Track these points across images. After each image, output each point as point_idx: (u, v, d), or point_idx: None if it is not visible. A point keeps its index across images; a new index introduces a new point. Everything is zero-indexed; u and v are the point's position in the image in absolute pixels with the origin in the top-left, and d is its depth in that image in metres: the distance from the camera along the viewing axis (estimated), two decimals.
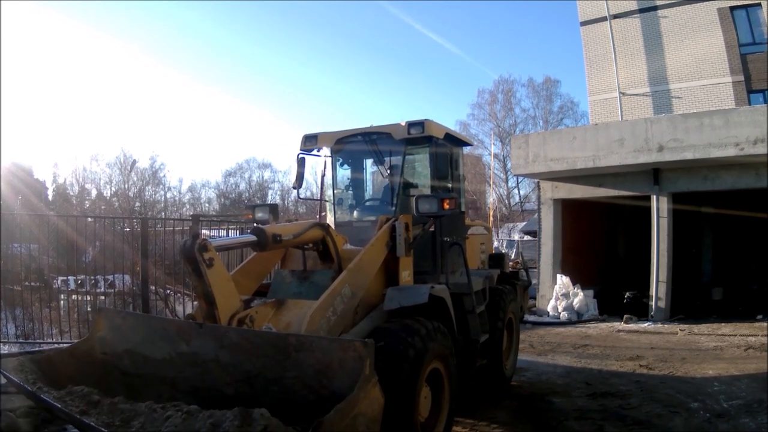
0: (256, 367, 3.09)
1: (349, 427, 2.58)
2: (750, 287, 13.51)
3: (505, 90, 39.50)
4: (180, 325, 3.66)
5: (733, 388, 5.80)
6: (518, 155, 12.76)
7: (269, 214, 4.90)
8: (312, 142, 5.58)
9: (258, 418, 2.41)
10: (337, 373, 2.86)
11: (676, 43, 16.54)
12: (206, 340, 3.28)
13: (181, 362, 3.35)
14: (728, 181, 10.88)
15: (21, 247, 8.87)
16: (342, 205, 5.72)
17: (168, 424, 2.62)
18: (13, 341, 7.62)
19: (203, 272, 3.39)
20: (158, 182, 40.85)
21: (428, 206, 4.63)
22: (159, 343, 3.48)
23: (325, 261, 4.57)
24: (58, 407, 2.94)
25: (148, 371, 3.45)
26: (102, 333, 3.80)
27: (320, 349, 2.99)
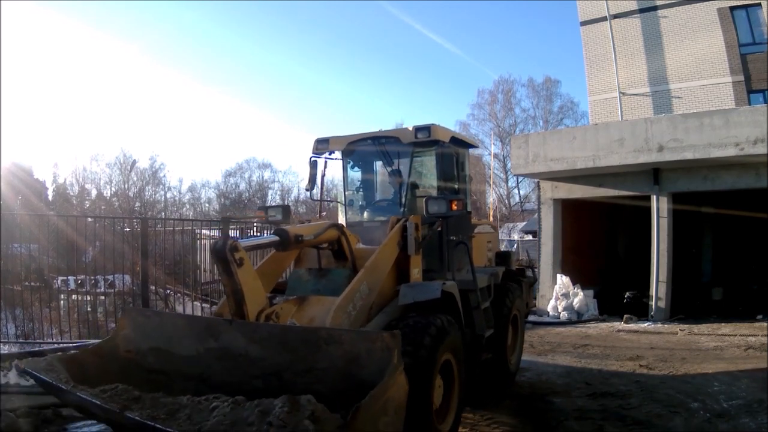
0: (286, 360, 3.23)
1: (381, 412, 2.73)
2: (750, 287, 13.51)
3: (505, 90, 39.51)
4: (209, 321, 3.83)
5: (733, 388, 5.80)
6: (518, 155, 12.76)
7: (281, 214, 5.18)
8: (324, 146, 5.83)
9: (305, 404, 2.51)
10: (366, 363, 3.02)
11: (676, 43, 16.54)
12: (236, 336, 3.42)
13: (210, 357, 3.47)
14: (728, 181, 10.88)
15: (21, 247, 8.87)
16: (352, 205, 5.93)
17: (216, 414, 2.69)
18: (13, 341, 7.62)
19: (234, 271, 3.55)
20: (158, 182, 40.86)
21: (437, 207, 4.83)
22: (186, 339, 3.61)
23: (339, 259, 4.81)
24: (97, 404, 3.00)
25: (174, 368, 3.56)
26: (125, 331, 3.92)
27: (349, 341, 3.16)
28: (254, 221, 11.64)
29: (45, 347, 6.82)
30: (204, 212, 42.40)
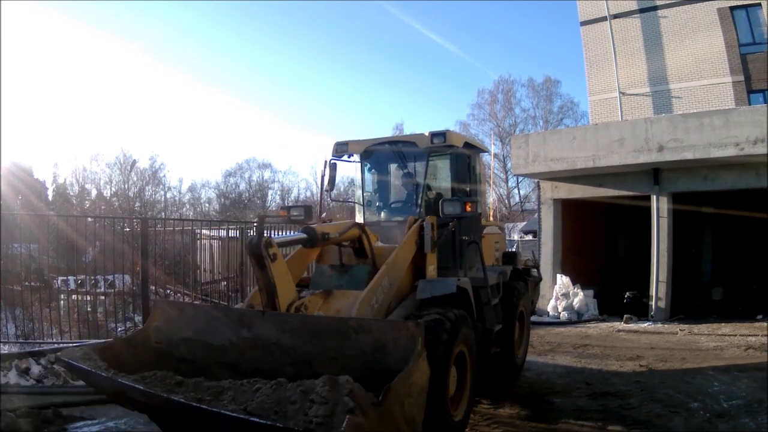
0: (316, 348, 3.44)
1: (406, 394, 2.98)
2: (750, 287, 13.51)
3: (505, 90, 39.47)
4: (242, 312, 4.02)
5: (733, 388, 5.79)
6: (518, 155, 12.76)
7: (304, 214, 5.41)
8: (343, 149, 6.14)
9: (344, 383, 2.69)
10: (392, 350, 3.25)
11: (676, 43, 16.54)
12: (268, 326, 3.65)
13: (243, 346, 3.67)
14: (728, 181, 10.87)
15: (21, 247, 8.86)
16: (370, 206, 6.24)
17: (259, 394, 2.87)
18: (13, 341, 7.61)
19: (267, 266, 3.79)
20: (158, 182, 40.83)
21: (452, 209, 5.13)
22: (219, 330, 3.81)
23: (359, 256, 5.10)
24: (141, 389, 3.16)
25: (206, 356, 3.73)
26: (157, 323, 4.12)
27: (377, 330, 3.41)
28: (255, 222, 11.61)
29: (45, 347, 6.82)
30: (204, 212, 42.40)
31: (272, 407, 2.74)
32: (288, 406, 2.71)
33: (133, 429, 4.66)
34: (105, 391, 3.69)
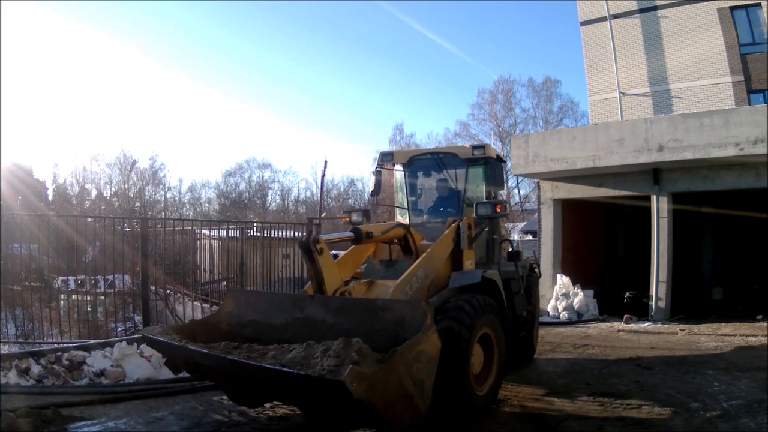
0: (353, 324, 4.08)
1: (414, 359, 3.55)
2: (750, 287, 13.51)
3: (505, 90, 39.49)
4: (296, 297, 4.99)
5: (733, 388, 5.79)
6: (518, 155, 12.76)
7: (362, 216, 6.33)
8: (388, 159, 6.99)
9: (354, 343, 3.37)
10: (410, 325, 3.83)
11: (676, 43, 16.54)
12: (316, 307, 4.41)
13: (296, 325, 4.42)
14: (728, 181, 10.87)
15: (21, 247, 8.86)
16: (414, 209, 6.98)
17: (293, 353, 3.56)
18: (13, 341, 7.61)
19: (315, 258, 4.48)
20: (158, 182, 40.80)
21: (485, 210, 6.02)
22: (278, 312, 4.63)
23: (406, 253, 5.77)
24: (204, 352, 3.92)
25: (268, 335, 4.38)
26: (228, 309, 4.93)
27: (398, 308, 4.09)
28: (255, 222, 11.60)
29: (45, 347, 6.82)
30: (204, 212, 42.40)
31: (300, 361, 3.42)
32: (312, 361, 3.36)
33: (133, 429, 4.66)
34: (177, 359, 4.57)
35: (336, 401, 3.42)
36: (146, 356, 6.54)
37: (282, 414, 5.11)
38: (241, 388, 4.43)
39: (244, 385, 4.25)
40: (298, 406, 4.90)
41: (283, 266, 10.25)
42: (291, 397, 4.22)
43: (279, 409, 5.21)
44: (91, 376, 6.20)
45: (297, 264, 10.09)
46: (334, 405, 3.61)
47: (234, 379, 4.25)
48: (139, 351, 6.59)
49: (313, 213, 36.45)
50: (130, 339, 7.12)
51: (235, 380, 4.27)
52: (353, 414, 3.64)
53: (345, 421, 4.24)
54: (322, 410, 4.32)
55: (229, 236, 10.63)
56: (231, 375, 4.11)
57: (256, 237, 10.51)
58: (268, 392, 4.31)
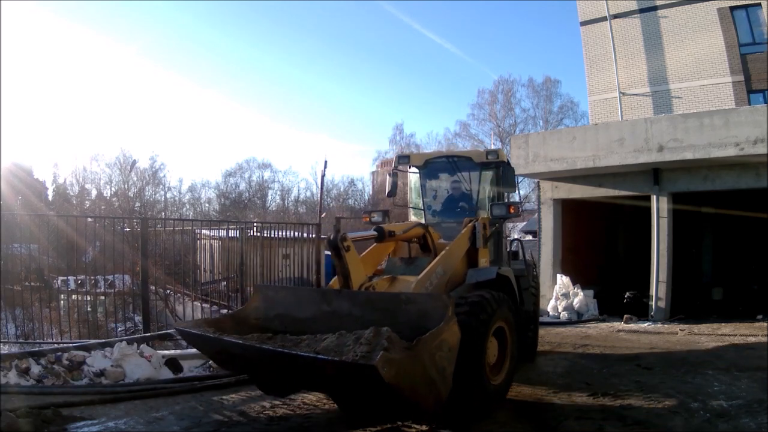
0: (377, 316, 4.26)
1: (437, 347, 3.79)
2: (750, 287, 13.51)
3: (505, 90, 39.42)
4: (324, 291, 5.31)
5: (733, 388, 5.79)
6: (518, 155, 12.75)
7: (383, 216, 6.68)
8: (405, 161, 7.27)
9: (384, 332, 3.65)
10: (432, 316, 4.02)
11: (676, 43, 16.53)
12: (343, 301, 4.68)
13: (323, 318, 4.61)
14: (728, 181, 10.87)
15: (21, 247, 8.86)
16: (429, 209, 7.26)
17: (326, 342, 3.83)
18: (13, 341, 7.61)
19: (343, 255, 4.77)
20: (158, 182, 40.75)
21: (499, 211, 6.39)
22: (306, 306, 4.86)
23: (425, 251, 6.09)
24: (240, 343, 4.17)
25: (295, 327, 4.59)
26: (256, 304, 5.16)
27: (421, 301, 4.36)
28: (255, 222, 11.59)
29: (45, 347, 6.82)
30: (204, 212, 42.33)
31: (333, 349, 3.69)
32: (344, 348, 3.63)
33: (133, 429, 4.66)
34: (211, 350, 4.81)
35: (367, 386, 3.64)
36: (146, 356, 6.54)
37: (282, 414, 5.11)
38: (275, 377, 4.64)
39: (279, 373, 4.44)
40: (330, 394, 5.10)
41: (283, 266, 10.25)
42: (324, 384, 4.43)
43: (279, 410, 5.21)
44: (91, 376, 6.20)
45: (297, 264, 10.09)
46: (365, 390, 3.83)
47: (268, 369, 4.42)
48: (139, 351, 6.59)
49: (313, 213, 36.43)
50: (130, 339, 7.12)
51: (269, 369, 4.45)
52: (382, 399, 3.82)
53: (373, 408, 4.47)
54: (352, 397, 4.53)
55: (229, 236, 10.63)
56: (266, 364, 4.29)
57: (256, 237, 10.51)
58: (302, 380, 4.55)
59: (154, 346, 7.08)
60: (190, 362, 7.00)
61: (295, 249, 10.18)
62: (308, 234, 10.38)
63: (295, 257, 10.11)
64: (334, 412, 5.14)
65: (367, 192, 49.48)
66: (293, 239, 10.50)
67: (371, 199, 47.10)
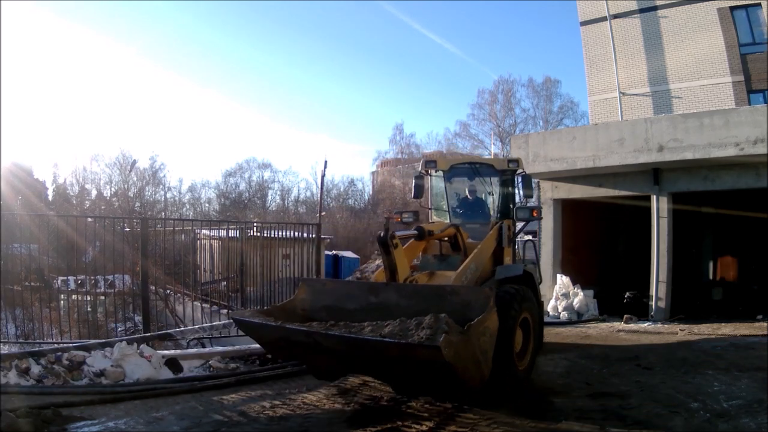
0: (423, 306, 4.68)
1: (482, 333, 4.32)
2: (750, 287, 13.49)
3: (505, 90, 39.46)
4: (372, 284, 5.75)
5: (733, 388, 5.78)
6: (518, 155, 12.72)
7: (412, 216, 7.45)
8: (432, 165, 7.81)
9: (443, 318, 4.11)
10: (474, 307, 4.55)
11: (676, 43, 16.52)
12: (390, 293, 5.16)
13: (370, 309, 5.06)
14: (728, 181, 10.86)
15: (21, 247, 8.87)
16: (453, 211, 7.81)
17: (389, 327, 4.25)
18: (13, 341, 7.61)
19: (391, 251, 5.28)
20: (158, 182, 40.76)
21: (522, 214, 7.22)
22: (352, 298, 5.32)
23: (454, 249, 6.69)
24: (305, 330, 4.58)
25: (341, 318, 4.86)
26: (303, 296, 5.57)
27: (464, 293, 4.92)
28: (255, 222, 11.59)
29: (45, 347, 6.81)
30: (204, 212, 42.35)
31: (398, 333, 4.14)
32: (408, 332, 4.09)
33: (133, 429, 4.66)
34: (269, 338, 5.10)
35: (429, 365, 4.13)
36: (146, 356, 6.54)
37: (282, 414, 5.11)
38: (334, 361, 5.01)
39: (342, 358, 4.82)
40: (383, 376, 5.43)
41: (283, 266, 10.25)
42: (384, 366, 4.76)
43: (279, 410, 5.21)
44: (91, 376, 6.20)
45: (297, 264, 10.08)
46: (426, 369, 4.26)
47: (332, 353, 4.76)
48: (139, 351, 6.60)
49: (313, 213, 36.43)
50: (130, 339, 7.13)
51: (332, 354, 4.78)
52: (437, 377, 4.31)
53: (424, 386, 4.99)
54: (407, 378, 4.93)
55: (229, 236, 10.63)
56: (330, 349, 4.64)
57: (256, 237, 10.52)
58: (363, 363, 4.94)
59: (154, 346, 7.08)
60: (190, 362, 7.00)
61: (295, 249, 10.18)
62: (308, 234, 10.38)
63: (295, 257, 10.11)
64: (334, 412, 5.15)
65: (367, 192, 49.50)
66: (293, 239, 10.50)
67: (371, 199, 47.12)
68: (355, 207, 45.39)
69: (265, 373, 6.60)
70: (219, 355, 7.28)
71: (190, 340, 8.29)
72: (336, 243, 31.03)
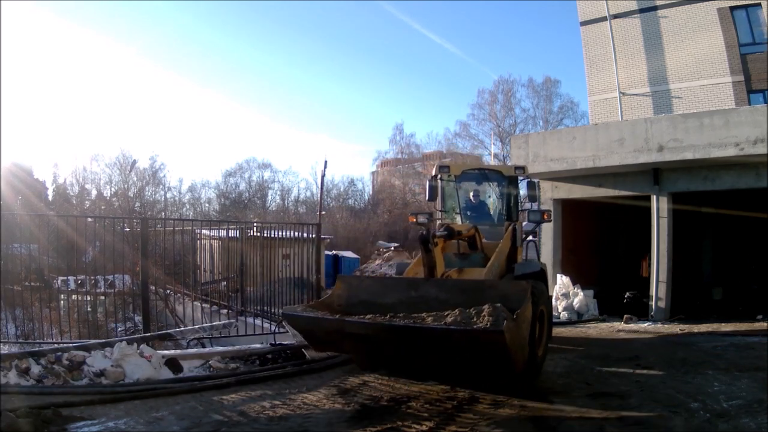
0: (463, 299, 5.06)
1: (523, 321, 4.79)
2: (750, 287, 13.49)
3: (505, 90, 39.43)
4: (410, 279, 6.13)
5: (733, 388, 5.78)
6: (518, 155, 12.75)
7: (427, 218, 7.97)
8: (445, 171, 8.37)
9: (499, 307, 4.56)
10: (512, 299, 4.94)
11: (676, 43, 16.52)
12: (430, 287, 5.57)
13: (410, 302, 5.38)
14: (728, 181, 10.86)
15: (21, 247, 8.87)
16: (464, 213, 8.35)
17: (450, 317, 4.64)
18: (13, 341, 7.61)
19: (431, 250, 5.73)
20: (158, 182, 40.76)
21: (534, 217, 8.02)
22: (391, 292, 5.67)
23: (472, 248, 7.16)
24: (367, 322, 4.84)
25: (379, 311, 5.14)
26: (339, 292, 5.85)
27: (502, 286, 5.45)
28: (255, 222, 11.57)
29: (45, 347, 6.81)
30: (204, 212, 42.36)
31: (461, 321, 4.56)
32: (470, 320, 4.54)
33: (133, 429, 4.66)
34: (323, 331, 5.31)
35: (489, 349, 4.56)
36: (146, 356, 6.54)
37: (282, 414, 5.11)
38: (391, 352, 5.26)
39: (402, 347, 5.05)
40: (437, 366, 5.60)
41: (283, 266, 10.25)
42: (440, 354, 5.00)
43: (279, 410, 5.21)
44: (91, 376, 6.20)
45: (297, 264, 10.08)
46: (482, 355, 4.70)
47: (383, 344, 5.06)
48: (139, 351, 6.59)
49: (313, 213, 36.43)
50: (130, 339, 7.12)
51: (382, 344, 5.08)
52: (490, 363, 4.84)
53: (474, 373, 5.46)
54: (459, 365, 5.23)
55: (229, 236, 10.63)
56: (384, 340, 4.94)
57: (256, 237, 10.51)
58: (417, 352, 5.11)
59: (154, 346, 7.08)
60: (190, 362, 7.00)
61: (295, 249, 10.18)
62: (308, 234, 10.38)
63: (295, 257, 10.11)
64: (334, 412, 5.15)
65: (367, 192, 49.50)
66: (293, 239, 10.50)
67: (371, 199, 47.13)
68: (355, 207, 45.39)
69: (265, 373, 6.60)
70: (219, 355, 7.28)
71: (190, 340, 8.29)
72: (336, 243, 31.04)
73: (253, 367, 7.09)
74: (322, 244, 10.28)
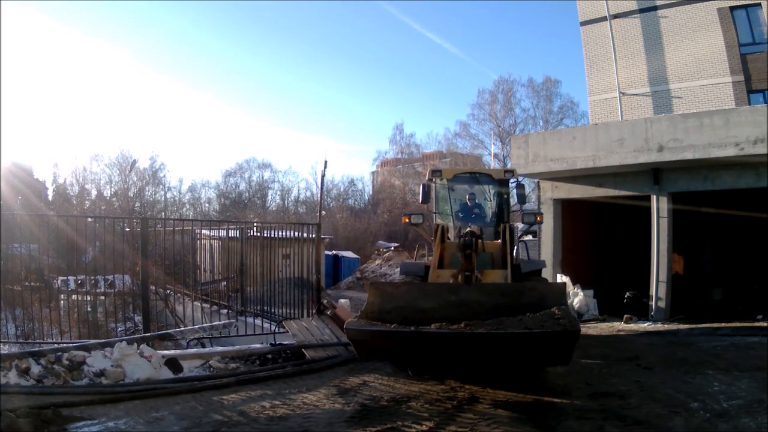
0: (501, 301, 5.49)
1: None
2: (750, 287, 13.48)
3: (505, 90, 39.35)
4: (450, 284, 6.20)
5: (733, 388, 5.78)
6: (518, 155, 12.74)
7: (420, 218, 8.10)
8: (438, 174, 8.65)
9: (565, 309, 5.03)
10: (549, 299, 5.37)
11: (676, 43, 16.51)
12: (471, 291, 5.80)
13: (449, 306, 5.53)
14: (728, 181, 10.85)
15: (21, 247, 8.87)
16: (455, 215, 8.50)
17: (522, 320, 4.94)
18: (13, 341, 7.61)
19: (473, 256, 6.03)
20: (158, 182, 40.73)
21: (528, 219, 8.11)
22: (429, 298, 5.77)
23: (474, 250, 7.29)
24: (433, 331, 4.97)
25: (414, 316, 5.39)
26: (372, 299, 5.81)
27: (541, 288, 5.89)
28: (255, 222, 11.56)
29: (45, 347, 6.81)
30: (204, 212, 42.32)
31: (536, 324, 4.81)
32: (545, 323, 4.80)
33: (133, 429, 4.66)
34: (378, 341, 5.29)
35: (563, 346, 4.84)
36: (146, 356, 6.54)
37: (282, 414, 5.11)
38: (451, 357, 5.27)
39: (469, 353, 5.14)
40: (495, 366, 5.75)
41: (283, 266, 10.25)
42: (505, 356, 5.18)
43: (279, 410, 5.22)
44: (91, 376, 6.20)
45: (297, 264, 10.08)
46: (554, 351, 4.95)
47: (469, 353, 5.14)
48: (139, 351, 6.59)
49: (313, 213, 36.41)
50: (130, 339, 7.12)
51: (470, 354, 5.15)
52: (552, 359, 5.24)
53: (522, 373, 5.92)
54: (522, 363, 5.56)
55: (229, 236, 10.63)
56: (465, 349, 5.03)
57: (256, 237, 10.51)
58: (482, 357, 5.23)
59: (154, 346, 7.08)
60: (190, 362, 7.00)
61: (295, 249, 10.17)
62: (308, 234, 10.37)
63: (295, 257, 10.10)
64: (334, 412, 5.15)
65: (367, 192, 49.48)
66: (293, 239, 10.49)
67: (371, 199, 47.12)
68: (355, 207, 45.37)
69: (265, 373, 6.61)
70: (219, 355, 7.28)
71: (190, 340, 8.29)
72: (336, 243, 31.03)
73: (253, 367, 7.09)
74: (322, 244, 10.26)
